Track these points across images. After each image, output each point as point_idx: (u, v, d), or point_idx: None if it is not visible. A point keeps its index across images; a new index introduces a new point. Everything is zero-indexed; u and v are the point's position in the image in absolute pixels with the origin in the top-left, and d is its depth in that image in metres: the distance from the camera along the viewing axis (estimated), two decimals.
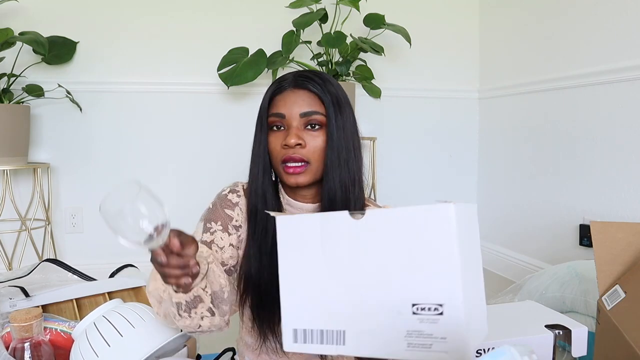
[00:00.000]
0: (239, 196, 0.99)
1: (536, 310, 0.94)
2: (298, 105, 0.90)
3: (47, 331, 0.96)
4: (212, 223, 0.96)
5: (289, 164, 0.88)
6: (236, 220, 0.97)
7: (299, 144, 0.88)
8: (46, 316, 1.01)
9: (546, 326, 0.84)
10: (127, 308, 0.87)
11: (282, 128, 0.91)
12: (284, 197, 0.96)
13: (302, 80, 0.92)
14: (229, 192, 1.01)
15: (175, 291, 0.76)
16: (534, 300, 1.04)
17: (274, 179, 0.95)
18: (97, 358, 0.80)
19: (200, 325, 0.79)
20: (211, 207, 1.00)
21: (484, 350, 0.75)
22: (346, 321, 0.60)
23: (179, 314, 0.77)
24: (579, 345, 0.84)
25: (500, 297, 1.66)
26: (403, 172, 2.76)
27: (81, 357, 0.81)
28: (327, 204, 0.90)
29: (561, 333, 0.83)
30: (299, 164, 0.88)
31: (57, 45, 2.25)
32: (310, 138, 0.89)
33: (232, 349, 1.18)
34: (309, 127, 0.90)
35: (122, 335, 0.81)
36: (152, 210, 0.66)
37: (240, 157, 3.03)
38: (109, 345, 0.80)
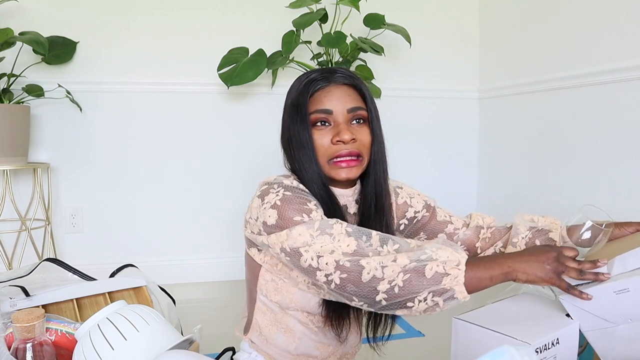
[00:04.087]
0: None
1: (539, 301, 0.95)
2: (343, 100, 0.92)
3: (52, 332, 0.96)
4: (308, 204, 0.86)
5: (342, 159, 0.90)
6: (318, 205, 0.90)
7: (353, 139, 0.91)
8: (51, 317, 1.01)
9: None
10: (131, 311, 0.87)
11: (326, 124, 0.92)
12: None
13: (342, 76, 0.94)
14: (298, 185, 0.91)
15: None
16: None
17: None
18: None
19: None
20: (290, 194, 0.87)
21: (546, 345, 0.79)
22: None
23: (437, 301, 0.77)
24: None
25: (500, 297, 1.66)
26: (403, 172, 2.76)
27: (84, 359, 0.81)
28: (373, 195, 0.97)
29: None
30: (353, 157, 0.91)
31: (57, 45, 2.25)
32: (359, 133, 0.92)
33: (232, 349, 1.19)
34: (354, 122, 0.93)
35: (126, 339, 0.81)
36: None
37: (240, 157, 3.05)
38: (113, 349, 0.80)
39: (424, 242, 0.82)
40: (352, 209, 0.99)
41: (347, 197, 0.98)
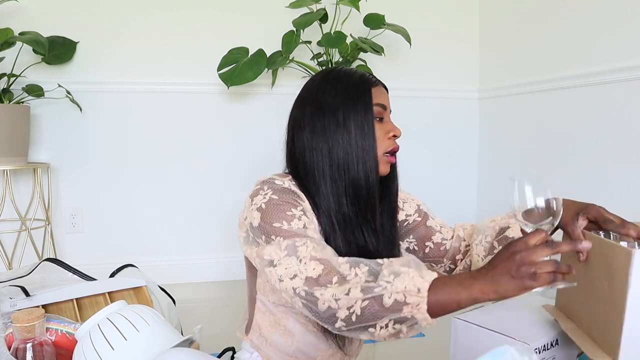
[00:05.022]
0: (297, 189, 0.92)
1: (539, 302, 0.95)
2: (388, 101, 0.98)
3: (52, 332, 0.96)
4: (293, 210, 0.86)
5: (392, 155, 0.97)
6: (307, 211, 0.89)
7: None
8: (51, 317, 1.01)
9: None
10: (131, 311, 0.87)
11: (381, 119, 0.95)
12: None
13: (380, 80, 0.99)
14: (288, 186, 0.90)
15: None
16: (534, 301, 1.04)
17: None
18: None
19: None
20: (277, 198, 0.87)
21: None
22: None
23: (399, 329, 0.74)
24: None
25: None
26: (403, 172, 2.76)
27: (85, 359, 0.81)
28: (395, 192, 1.06)
29: None
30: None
31: (57, 45, 2.25)
32: None
33: (232, 349, 1.19)
34: None
35: (126, 339, 0.81)
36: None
37: (240, 157, 3.05)
38: (113, 349, 0.80)
39: (393, 261, 0.77)
40: None
41: None
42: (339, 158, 0.91)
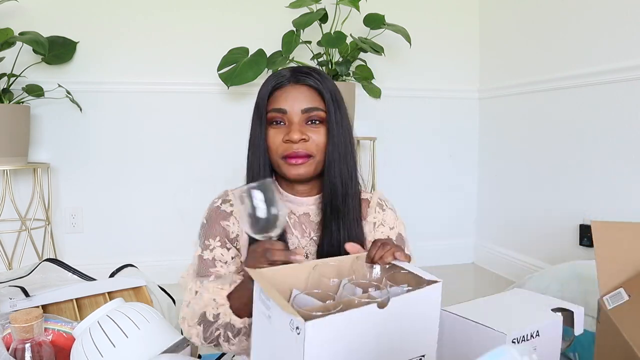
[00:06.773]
0: (231, 205, 0.99)
1: (529, 297, 0.95)
2: (299, 101, 0.92)
3: (50, 332, 0.96)
4: (211, 240, 0.97)
5: (291, 158, 0.91)
6: (232, 232, 0.98)
7: (303, 139, 0.91)
8: (48, 317, 1.01)
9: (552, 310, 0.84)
10: (130, 308, 0.87)
11: (282, 123, 0.92)
12: (283, 194, 0.98)
13: (302, 76, 0.93)
14: (221, 203, 1.00)
15: (238, 315, 0.86)
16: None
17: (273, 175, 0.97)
18: (101, 358, 0.80)
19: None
20: (205, 222, 1.00)
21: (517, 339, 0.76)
22: None
23: (232, 338, 0.87)
24: (579, 324, 0.87)
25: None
26: (403, 172, 2.76)
27: (85, 356, 0.81)
28: (329, 198, 0.95)
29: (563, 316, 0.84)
30: (301, 157, 0.91)
31: (57, 45, 2.25)
32: (312, 133, 0.92)
33: None
34: (310, 122, 0.92)
35: (127, 337, 0.81)
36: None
37: (240, 157, 3.02)
38: (114, 346, 0.80)
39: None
40: (316, 217, 0.98)
41: (308, 205, 0.98)
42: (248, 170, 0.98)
